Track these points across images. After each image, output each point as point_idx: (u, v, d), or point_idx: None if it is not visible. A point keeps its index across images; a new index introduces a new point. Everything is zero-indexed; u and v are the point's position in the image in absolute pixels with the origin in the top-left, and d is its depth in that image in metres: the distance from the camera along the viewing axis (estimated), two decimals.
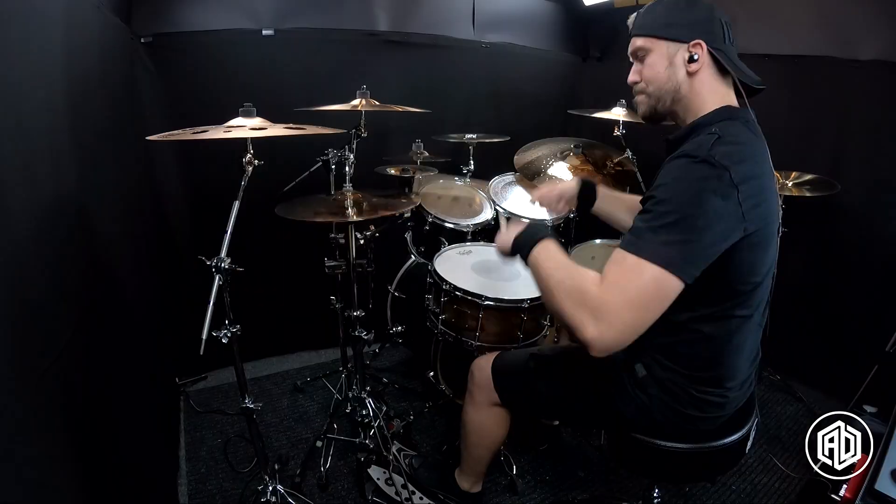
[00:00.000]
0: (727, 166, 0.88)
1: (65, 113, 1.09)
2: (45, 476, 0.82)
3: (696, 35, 1.01)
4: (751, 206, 0.89)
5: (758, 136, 1.01)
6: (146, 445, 1.48)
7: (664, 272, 0.85)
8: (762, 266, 0.98)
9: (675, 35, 1.03)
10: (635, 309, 0.87)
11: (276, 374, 2.36)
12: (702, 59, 1.02)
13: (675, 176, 0.92)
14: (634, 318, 0.88)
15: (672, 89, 1.06)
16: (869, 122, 2.02)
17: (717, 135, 0.94)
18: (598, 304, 0.88)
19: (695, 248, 0.87)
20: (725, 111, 1.02)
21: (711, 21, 1.02)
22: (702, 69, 1.03)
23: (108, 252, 1.35)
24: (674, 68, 1.04)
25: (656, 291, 0.87)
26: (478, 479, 1.56)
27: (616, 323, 0.87)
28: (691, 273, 0.87)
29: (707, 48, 1.01)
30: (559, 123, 2.99)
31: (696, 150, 0.91)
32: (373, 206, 1.53)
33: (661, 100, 1.09)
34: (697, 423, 1.08)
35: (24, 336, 0.79)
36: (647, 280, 0.86)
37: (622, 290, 0.88)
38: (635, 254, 0.88)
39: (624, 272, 0.89)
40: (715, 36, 1.01)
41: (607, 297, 0.88)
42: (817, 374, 2.29)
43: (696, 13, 1.03)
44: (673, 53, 1.04)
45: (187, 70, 1.98)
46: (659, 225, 0.88)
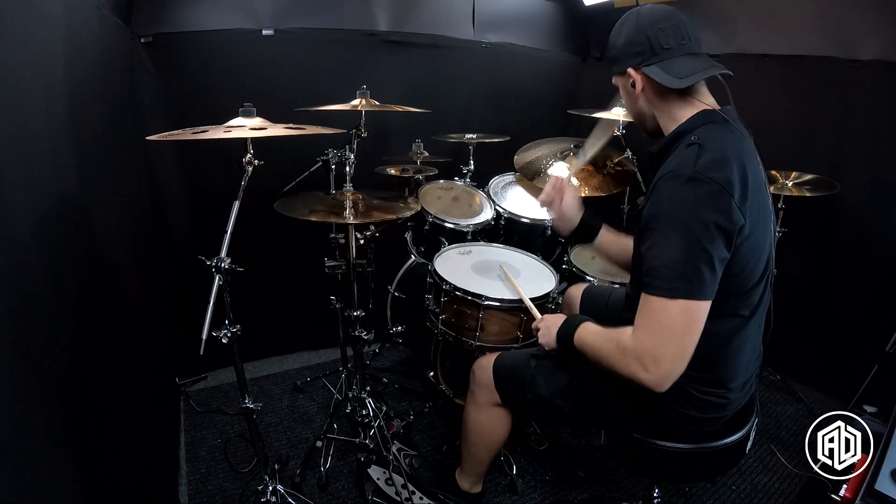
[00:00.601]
0: (714, 178, 0.91)
1: (65, 113, 1.09)
2: (45, 475, 0.82)
3: (627, 62, 1.06)
4: (747, 206, 0.92)
5: (738, 134, 1.02)
6: (146, 445, 1.48)
7: (688, 302, 0.91)
8: (758, 260, 0.99)
9: (616, 69, 1.11)
10: (674, 341, 0.93)
11: (276, 374, 2.36)
12: (639, 83, 1.06)
13: (669, 205, 0.94)
14: (677, 348, 0.94)
15: (640, 113, 1.14)
16: (869, 122, 2.02)
17: (697, 143, 0.96)
18: (638, 352, 0.95)
19: (708, 268, 0.91)
20: (702, 116, 1.04)
21: (635, 42, 1.04)
22: (645, 89, 1.07)
23: (108, 252, 1.35)
24: (629, 97, 1.13)
25: (688, 320, 0.93)
26: (478, 479, 1.56)
27: (661, 359, 0.94)
28: (713, 290, 0.93)
29: (635, 71, 1.05)
30: (559, 123, 2.99)
31: (682, 169, 0.94)
32: (373, 208, 1.53)
33: (639, 123, 1.17)
34: (698, 423, 1.08)
35: (24, 335, 0.79)
36: (676, 315, 0.92)
37: (657, 331, 0.94)
38: (657, 295, 0.93)
39: (651, 315, 0.95)
40: (642, 55, 1.03)
41: (643, 342, 0.95)
42: (817, 374, 2.29)
43: (622, 40, 1.07)
44: (624, 84, 1.11)
45: (187, 70, 1.97)
46: (669, 260, 0.92)
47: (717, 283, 0.93)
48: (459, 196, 2.29)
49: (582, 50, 3.07)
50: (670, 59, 1.02)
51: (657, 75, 1.02)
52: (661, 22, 1.02)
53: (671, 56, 1.02)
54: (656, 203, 0.97)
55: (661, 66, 1.02)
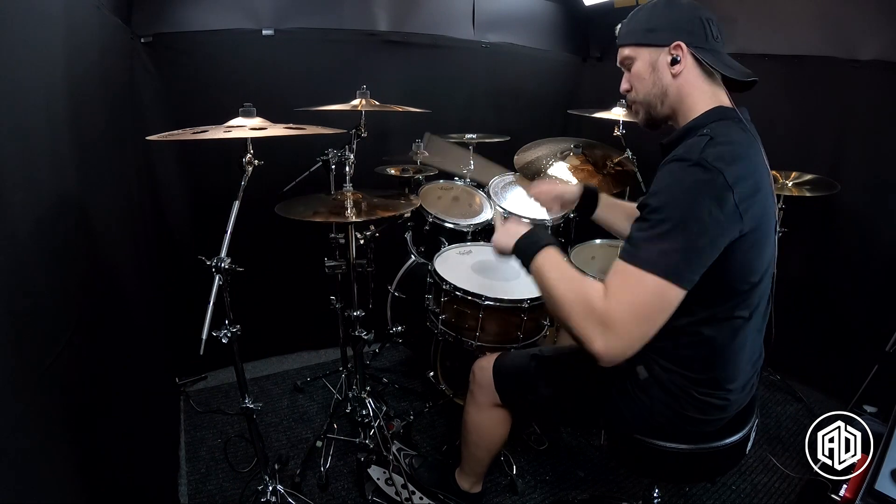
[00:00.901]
0: (720, 168, 0.88)
1: (65, 113, 1.09)
2: (45, 475, 0.82)
3: (676, 37, 1.01)
4: (747, 207, 0.89)
5: (751, 135, 1.01)
6: (146, 445, 1.48)
7: (665, 282, 0.86)
8: (759, 265, 0.98)
9: (655, 40, 1.04)
10: (641, 321, 0.89)
11: (276, 374, 2.36)
12: (684, 61, 1.02)
13: (668, 182, 0.92)
14: (640, 331, 0.89)
15: (660, 94, 1.07)
16: (869, 122, 2.01)
17: (708, 136, 0.94)
18: (605, 318, 0.89)
19: (692, 256, 0.87)
20: (717, 112, 1.02)
21: (691, 21, 1.01)
22: (685, 70, 1.03)
23: (108, 252, 1.35)
24: (658, 73, 1.05)
25: (659, 302, 0.88)
26: (478, 479, 1.56)
27: (623, 336, 0.89)
28: (691, 280, 0.88)
29: (687, 49, 1.01)
30: (559, 123, 2.99)
31: (688, 154, 0.91)
32: (373, 207, 1.53)
33: (653, 105, 1.10)
34: (699, 424, 1.08)
35: (24, 335, 0.79)
36: (650, 291, 0.87)
37: (627, 302, 0.89)
38: (635, 265, 0.88)
39: (627, 284, 0.90)
40: (696, 35, 1.01)
41: (613, 310, 0.89)
42: (817, 374, 2.29)
43: (674, 14, 1.03)
44: (655, 58, 1.05)
45: (187, 70, 1.97)
46: (656, 234, 0.88)
47: (697, 276, 0.88)
48: (459, 196, 2.29)
49: (582, 50, 3.07)
50: (717, 51, 1.02)
51: (711, 60, 1.01)
52: (710, 15, 1.02)
53: (717, 48, 1.02)
54: (657, 182, 0.95)
55: (711, 54, 1.02)
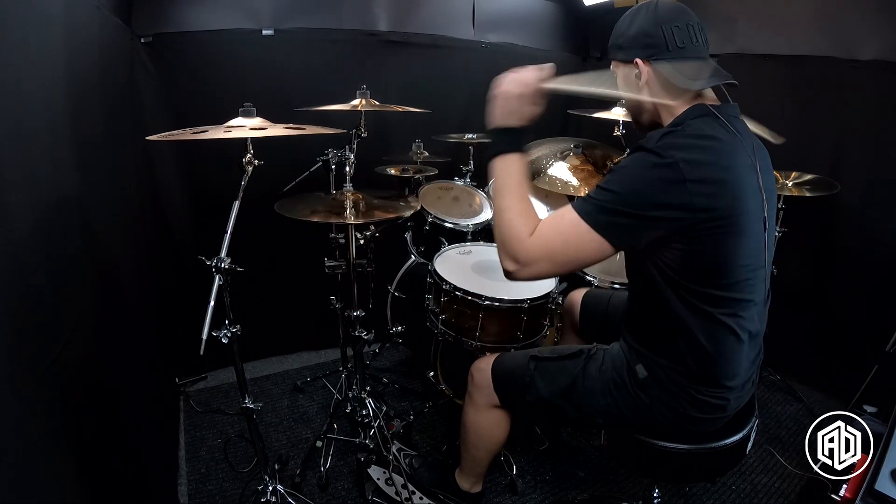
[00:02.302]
0: (674, 156, 0.91)
1: (65, 113, 1.09)
2: (45, 475, 0.82)
3: (635, 53, 1.05)
4: (704, 196, 0.91)
5: (730, 131, 1.00)
6: (146, 445, 1.48)
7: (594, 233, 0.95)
8: (739, 258, 0.97)
9: (622, 57, 1.09)
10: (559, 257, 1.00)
11: (276, 374, 2.36)
12: (645, 74, 1.05)
13: (627, 163, 0.99)
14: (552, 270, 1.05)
15: (637, 104, 1.13)
16: (869, 122, 2.01)
17: (673, 130, 0.98)
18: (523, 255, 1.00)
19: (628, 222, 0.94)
20: (697, 109, 1.03)
21: (649, 34, 1.03)
22: (649, 82, 1.06)
23: (108, 252, 1.35)
24: (630, 87, 1.10)
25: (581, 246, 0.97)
26: (478, 479, 1.56)
27: (533, 267, 1.01)
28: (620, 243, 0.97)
29: (644, 63, 1.04)
30: (559, 123, 2.99)
31: (646, 142, 0.97)
32: (373, 207, 1.53)
33: (635, 114, 1.17)
34: (698, 423, 1.08)
35: (23, 335, 0.79)
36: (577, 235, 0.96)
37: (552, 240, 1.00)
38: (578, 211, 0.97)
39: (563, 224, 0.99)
40: (655, 48, 1.02)
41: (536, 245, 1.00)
42: (817, 374, 2.29)
43: (633, 29, 1.05)
44: (626, 73, 1.10)
45: (187, 70, 1.97)
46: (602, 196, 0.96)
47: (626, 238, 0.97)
48: (459, 196, 2.29)
49: (582, 50, 3.07)
50: (681, 58, 1.02)
51: (667, 72, 1.02)
52: (677, 20, 1.02)
53: (682, 56, 1.02)
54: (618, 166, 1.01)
55: (671, 63, 1.02)
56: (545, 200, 2.16)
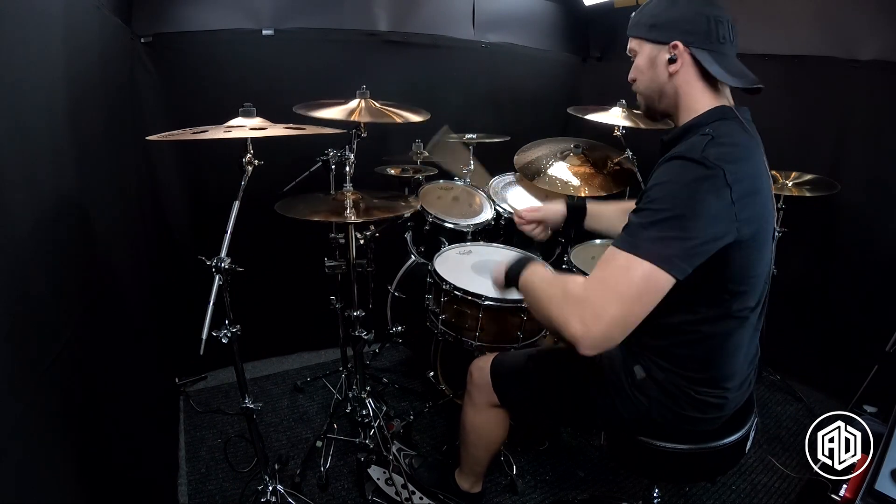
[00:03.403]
0: (721, 166, 0.88)
1: (65, 113, 1.09)
2: (45, 475, 0.82)
3: (675, 36, 1.00)
4: (744, 206, 0.89)
5: (752, 137, 1.01)
6: (146, 445, 1.48)
7: (654, 268, 0.85)
8: (757, 268, 0.98)
9: (655, 37, 1.04)
10: (623, 303, 0.86)
11: (276, 374, 2.36)
12: (681, 60, 1.01)
13: (669, 177, 0.92)
14: (622, 313, 0.86)
15: (657, 90, 1.07)
16: (869, 122, 2.01)
17: (710, 135, 0.94)
18: (581, 300, 0.88)
19: (686, 245, 0.86)
20: (719, 111, 1.01)
21: (695, 20, 0.99)
22: (682, 70, 1.02)
23: (108, 252, 1.35)
24: (656, 70, 1.05)
25: (648, 288, 0.87)
26: (478, 479, 1.56)
27: (602, 317, 0.86)
28: (682, 269, 0.86)
29: (685, 49, 1.00)
30: (559, 123, 2.99)
31: (690, 152, 0.91)
32: (373, 207, 1.53)
33: (651, 99, 1.11)
34: (697, 423, 1.08)
35: (23, 335, 0.79)
36: (637, 275, 0.86)
37: (610, 285, 0.87)
38: (627, 250, 0.87)
39: (613, 268, 0.89)
40: (697, 35, 0.99)
41: (592, 292, 0.88)
42: (817, 374, 2.29)
43: (678, 12, 1.01)
44: (655, 55, 1.04)
45: (187, 70, 1.98)
46: (651, 221, 0.88)
47: (690, 268, 0.86)
48: (459, 196, 2.29)
49: (582, 50, 3.07)
50: (721, 52, 1.00)
51: (708, 63, 0.99)
52: (721, 15, 0.99)
53: (722, 50, 1.00)
54: (656, 177, 0.94)
55: (711, 55, 0.99)
56: (545, 201, 2.16)
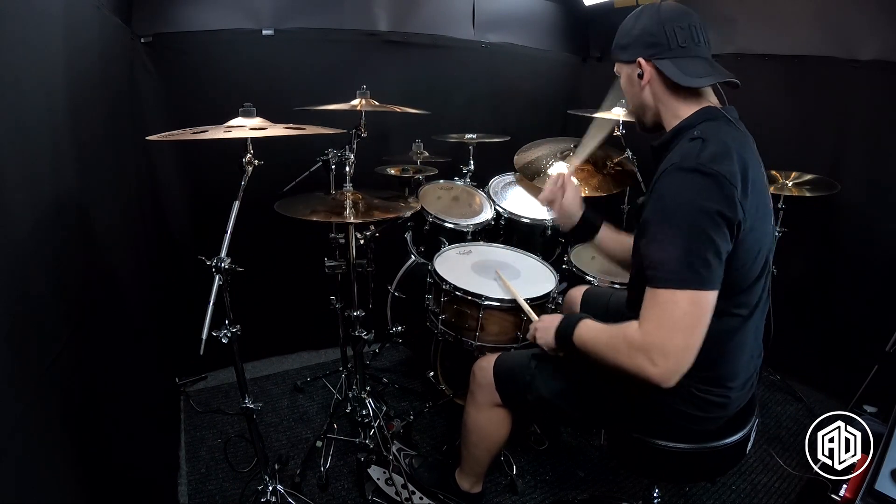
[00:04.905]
0: (717, 169, 0.91)
1: (65, 113, 1.09)
2: (45, 475, 0.82)
3: (637, 52, 1.05)
4: (743, 200, 0.92)
5: (741, 131, 1.03)
6: (146, 445, 1.48)
7: (697, 293, 0.90)
8: (756, 257, 0.99)
9: (624, 57, 1.09)
10: (682, 333, 0.91)
11: (276, 374, 2.36)
12: (647, 74, 1.06)
13: (672, 193, 0.94)
14: (686, 340, 0.91)
15: (640, 105, 1.12)
16: (869, 122, 2.01)
17: (700, 138, 0.96)
18: (646, 346, 0.93)
19: (712, 256, 0.90)
20: (705, 112, 1.04)
21: (652, 33, 1.03)
22: (652, 82, 1.06)
23: (108, 252, 1.35)
24: (633, 87, 1.11)
25: (698, 311, 0.91)
26: (478, 479, 1.56)
27: (670, 352, 0.91)
28: (720, 278, 0.92)
29: (646, 63, 1.04)
30: (559, 123, 2.99)
31: (686, 161, 0.94)
32: (372, 207, 1.53)
33: (638, 115, 1.16)
34: (699, 422, 1.08)
35: (23, 335, 0.79)
36: (684, 306, 0.91)
37: (664, 323, 0.92)
38: (664, 287, 0.92)
39: (659, 307, 0.93)
40: (658, 47, 1.03)
41: (650, 336, 0.93)
42: (817, 374, 2.29)
43: (637, 29, 1.06)
44: (629, 73, 1.10)
45: (187, 70, 1.97)
46: (673, 248, 0.91)
47: (722, 273, 0.92)
48: (459, 196, 2.29)
49: (582, 50, 3.07)
50: (684, 57, 1.03)
51: (669, 70, 1.02)
52: (680, 20, 1.03)
53: (685, 55, 1.03)
54: (659, 197, 0.96)
55: (674, 62, 1.02)
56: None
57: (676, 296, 0.91)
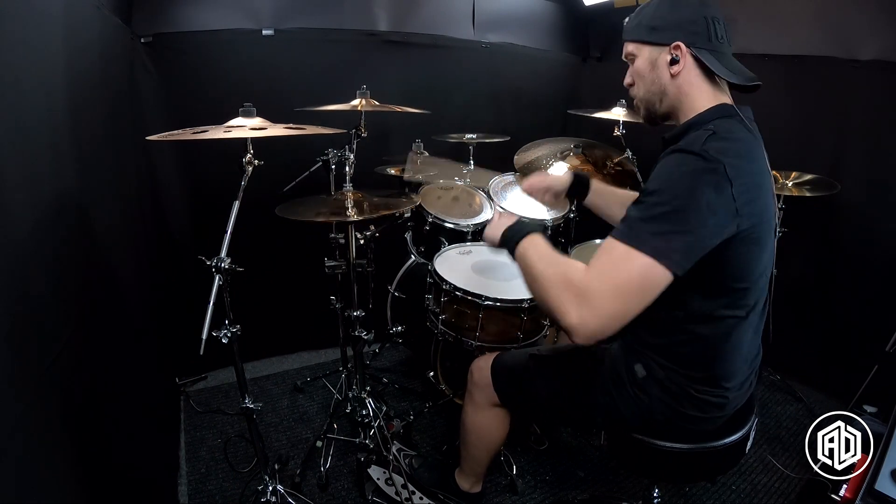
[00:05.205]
0: (721, 160, 0.88)
1: (65, 113, 1.09)
2: (45, 475, 0.82)
3: (677, 37, 1.01)
4: (745, 202, 0.89)
5: (754, 134, 1.01)
6: (146, 445, 1.48)
7: (653, 262, 0.85)
8: (757, 265, 0.98)
9: (656, 39, 1.04)
10: (621, 297, 0.87)
11: (276, 374, 2.36)
12: (683, 61, 1.02)
13: (668, 170, 0.92)
14: (619, 307, 0.87)
15: (659, 92, 1.07)
16: (869, 122, 2.01)
17: (712, 130, 0.94)
18: (582, 290, 0.88)
19: (686, 240, 0.86)
20: (720, 109, 1.02)
21: (695, 20, 1.00)
22: (685, 70, 1.03)
23: (108, 252, 1.35)
24: (657, 71, 1.05)
25: (643, 281, 0.86)
26: (478, 479, 1.56)
27: (600, 309, 0.86)
28: (682, 265, 0.86)
29: (687, 49, 1.01)
30: (559, 123, 2.99)
31: (690, 145, 0.92)
32: (373, 206, 1.53)
33: (652, 103, 1.10)
34: (698, 423, 1.08)
35: (23, 335, 0.79)
36: (635, 269, 0.86)
37: (609, 277, 0.88)
38: (625, 242, 0.87)
39: (612, 260, 0.89)
40: (698, 35, 1.00)
41: (593, 283, 0.88)
42: (817, 374, 2.29)
43: (677, 14, 1.02)
44: (655, 57, 1.05)
45: (187, 70, 1.98)
46: (651, 215, 0.88)
47: (689, 263, 0.86)
48: (459, 196, 2.29)
49: (582, 50, 3.07)
50: (720, 52, 1.01)
51: (710, 62, 1.00)
52: (718, 14, 1.01)
53: (720, 49, 1.01)
54: (656, 171, 0.95)
55: (712, 54, 1.01)
56: None
57: (632, 255, 0.85)
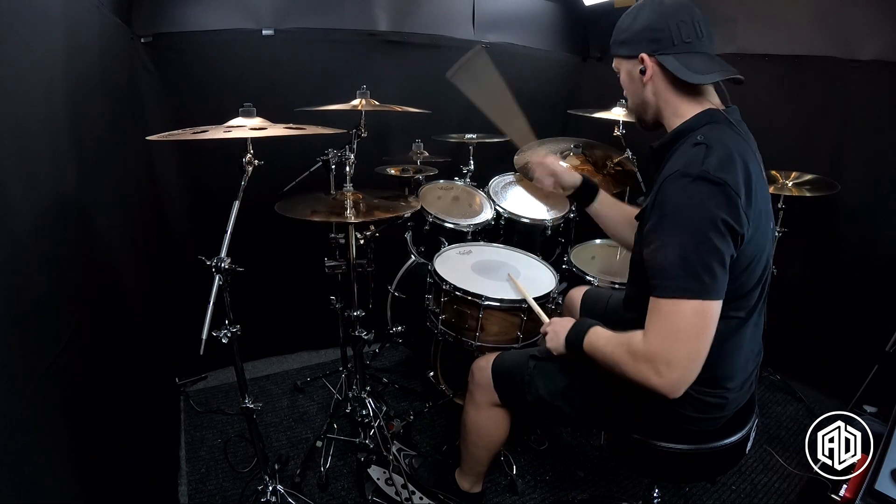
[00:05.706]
0: (724, 178, 0.89)
1: (65, 113, 1.09)
2: (45, 476, 0.82)
3: (640, 48, 1.03)
4: (749, 208, 0.92)
5: (743, 137, 1.02)
6: (146, 445, 1.48)
7: (702, 302, 0.89)
8: (757, 263, 0.98)
9: (625, 52, 1.07)
10: (685, 343, 0.90)
11: (276, 374, 2.36)
12: (650, 70, 1.03)
13: (677, 200, 0.93)
14: (690, 351, 0.90)
15: (641, 102, 1.10)
16: (869, 122, 2.01)
17: (704, 143, 0.95)
18: (649, 356, 0.92)
19: (716, 268, 0.89)
20: (707, 115, 1.02)
21: (654, 28, 1.01)
22: (655, 78, 1.04)
23: (108, 252, 1.35)
24: (635, 84, 1.08)
25: (698, 321, 0.90)
26: (478, 479, 1.56)
27: (672, 363, 0.90)
28: (724, 288, 0.91)
29: (649, 58, 1.02)
30: (559, 123, 2.99)
31: (691, 167, 0.92)
32: (373, 207, 1.53)
33: (639, 112, 1.13)
34: (698, 423, 1.08)
35: (24, 336, 0.79)
36: (687, 315, 0.90)
37: (666, 334, 0.91)
38: (668, 297, 0.91)
39: (663, 317, 0.92)
40: (661, 42, 1.01)
41: (653, 345, 0.92)
42: (817, 374, 2.29)
43: (639, 23, 1.03)
44: (630, 69, 1.08)
45: (187, 70, 1.97)
46: (679, 259, 0.90)
47: (726, 282, 0.91)
48: (459, 196, 2.29)
49: (582, 50, 3.07)
50: (688, 53, 1.01)
51: (673, 66, 1.00)
52: (683, 14, 1.00)
53: (688, 51, 1.01)
54: (662, 203, 0.94)
55: (677, 58, 1.00)
56: (545, 200, 2.16)
57: (680, 305, 0.89)
